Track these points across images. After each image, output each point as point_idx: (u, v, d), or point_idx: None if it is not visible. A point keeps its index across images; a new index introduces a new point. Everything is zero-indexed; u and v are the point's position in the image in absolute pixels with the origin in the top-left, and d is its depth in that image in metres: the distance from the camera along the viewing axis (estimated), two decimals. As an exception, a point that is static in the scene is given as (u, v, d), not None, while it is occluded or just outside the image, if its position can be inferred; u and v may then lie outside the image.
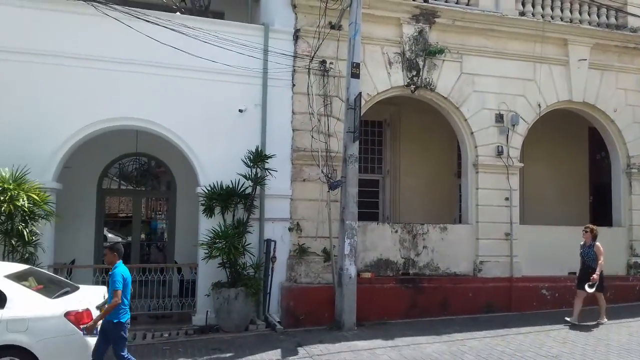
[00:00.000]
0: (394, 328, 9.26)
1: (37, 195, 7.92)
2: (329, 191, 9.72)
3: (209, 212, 9.43)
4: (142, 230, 12.16)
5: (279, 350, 7.89)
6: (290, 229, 9.90)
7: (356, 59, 9.16)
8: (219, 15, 11.68)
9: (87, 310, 6.45)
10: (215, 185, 9.46)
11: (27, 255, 7.97)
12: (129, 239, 12.13)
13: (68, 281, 7.51)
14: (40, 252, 8.25)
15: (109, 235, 12.50)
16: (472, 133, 11.17)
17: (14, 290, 6.27)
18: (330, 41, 10.10)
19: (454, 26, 11.01)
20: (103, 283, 8.80)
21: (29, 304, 6.22)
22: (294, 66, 10.09)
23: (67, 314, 6.24)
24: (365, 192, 12.02)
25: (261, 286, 9.42)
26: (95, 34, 9.01)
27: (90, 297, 6.82)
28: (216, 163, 9.59)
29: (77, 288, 7.15)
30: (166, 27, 8.81)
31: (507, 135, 11.28)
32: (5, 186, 7.63)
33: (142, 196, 12.23)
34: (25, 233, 7.81)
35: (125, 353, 6.33)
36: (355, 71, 9.14)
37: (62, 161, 8.98)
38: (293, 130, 10.07)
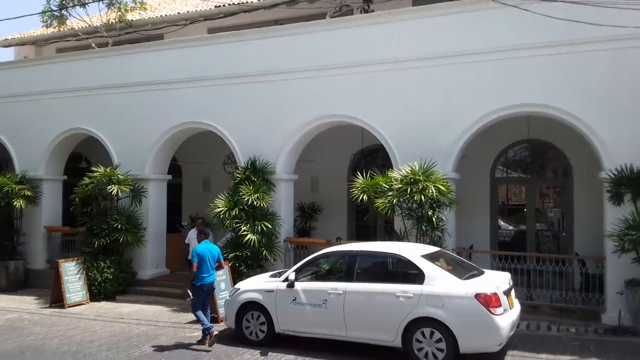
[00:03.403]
0: None
1: (442, 185, 8.72)
2: None
3: (617, 199, 8.31)
4: (535, 218, 11.81)
5: None
6: None
7: None
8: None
9: (495, 294, 6.65)
10: (624, 168, 8.27)
11: (435, 238, 8.90)
12: (522, 227, 12.00)
13: (474, 265, 7.94)
14: (446, 237, 9.07)
15: (501, 223, 12.69)
16: None
17: (430, 269, 7.05)
18: None
19: None
20: (501, 269, 8.94)
21: (443, 283, 6.86)
22: None
23: (477, 296, 6.58)
24: None
25: (696, 290, 7.66)
26: (487, 26, 9.29)
27: (496, 281, 7.02)
28: (623, 143, 8.39)
29: (483, 272, 7.47)
30: (563, 1, 8.25)
31: None
32: (416, 177, 8.70)
33: (535, 184, 11.87)
34: (433, 219, 8.73)
35: (196, 309, 8.01)
36: None
37: (460, 152, 9.62)
38: None
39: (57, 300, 10.80)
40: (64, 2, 14.22)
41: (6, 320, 9.77)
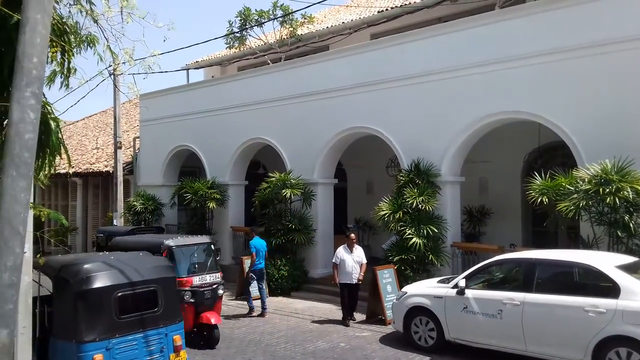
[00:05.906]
0: None
1: (640, 186, 7.52)
2: None
3: None
4: None
5: None
6: None
7: None
8: None
9: None
10: None
11: (634, 247, 7.71)
12: None
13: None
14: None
15: None
16: None
17: (627, 282, 6.18)
18: None
19: None
20: None
21: (644, 298, 5.95)
22: None
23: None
24: None
25: None
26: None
27: None
28: None
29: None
30: None
31: None
32: (609, 177, 7.64)
33: None
34: (631, 225, 7.58)
35: (248, 285, 10.62)
36: None
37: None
38: None
39: (240, 293, 11.92)
40: (244, 24, 15.76)
41: (201, 308, 11.09)
